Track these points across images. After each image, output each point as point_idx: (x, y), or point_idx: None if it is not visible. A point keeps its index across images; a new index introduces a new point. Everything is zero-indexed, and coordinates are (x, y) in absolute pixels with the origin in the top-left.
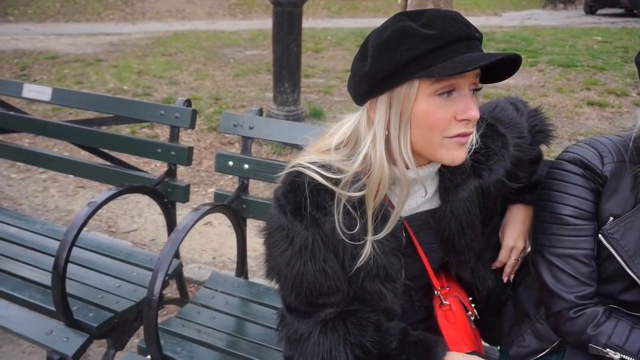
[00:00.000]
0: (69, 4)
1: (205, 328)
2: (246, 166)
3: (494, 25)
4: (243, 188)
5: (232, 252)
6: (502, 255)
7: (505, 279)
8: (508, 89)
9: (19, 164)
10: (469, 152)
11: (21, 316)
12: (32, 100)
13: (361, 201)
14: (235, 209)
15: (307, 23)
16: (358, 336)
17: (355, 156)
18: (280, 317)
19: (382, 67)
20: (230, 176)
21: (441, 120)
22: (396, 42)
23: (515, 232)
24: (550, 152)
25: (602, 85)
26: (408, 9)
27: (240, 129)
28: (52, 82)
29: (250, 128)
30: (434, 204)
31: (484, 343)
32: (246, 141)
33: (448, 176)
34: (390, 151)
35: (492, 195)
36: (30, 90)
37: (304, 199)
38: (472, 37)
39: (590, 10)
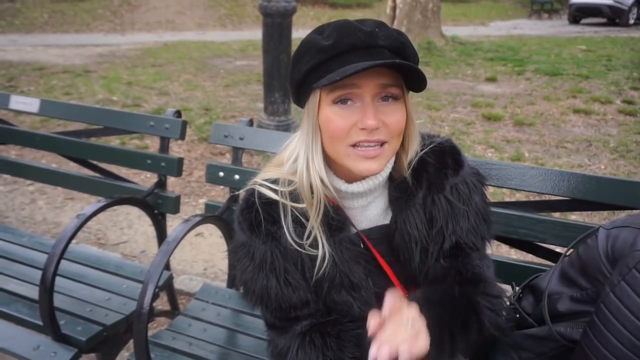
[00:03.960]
0: (57, 15)
1: (196, 340)
2: (237, 177)
3: (481, 35)
4: (234, 199)
5: (224, 263)
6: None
7: None
8: (496, 98)
9: (5, 175)
10: (410, 167)
11: (7, 331)
12: (20, 112)
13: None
14: (226, 219)
15: (296, 33)
16: (337, 351)
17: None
18: (267, 334)
19: (292, 78)
20: (222, 187)
21: (340, 128)
22: (301, 55)
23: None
24: (537, 159)
25: (587, 93)
26: (396, 20)
27: (230, 139)
28: (40, 94)
29: (241, 139)
30: (388, 217)
31: None
32: (237, 152)
33: (393, 189)
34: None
35: (434, 210)
36: (18, 102)
37: (257, 215)
38: (371, 45)
39: (574, 20)
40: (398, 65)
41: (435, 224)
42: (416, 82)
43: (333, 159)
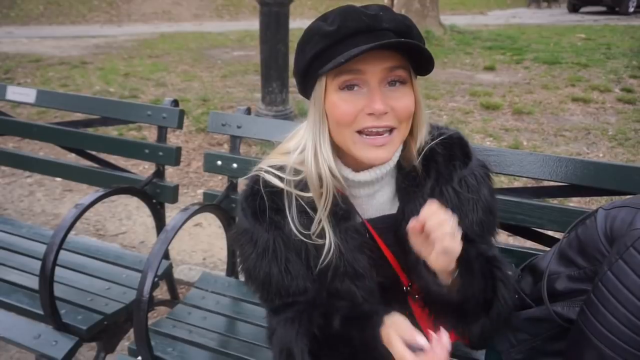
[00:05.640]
0: (52, 7)
1: (196, 328)
2: (235, 165)
3: (480, 23)
4: (232, 187)
5: (223, 253)
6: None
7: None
8: (494, 87)
9: (3, 167)
10: (421, 154)
11: (8, 321)
12: (17, 103)
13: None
14: (225, 208)
15: (294, 23)
16: (308, 325)
17: (303, 157)
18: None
19: (297, 66)
20: (220, 177)
21: (346, 114)
22: (305, 43)
23: None
24: (536, 147)
25: (586, 81)
26: (394, 9)
27: (228, 128)
28: (37, 85)
29: (239, 127)
30: (395, 206)
31: None
32: (234, 140)
33: (401, 179)
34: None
35: (443, 201)
36: (15, 93)
37: (262, 202)
38: (376, 28)
39: (574, 8)
40: (403, 45)
41: None
42: (423, 64)
43: (340, 147)
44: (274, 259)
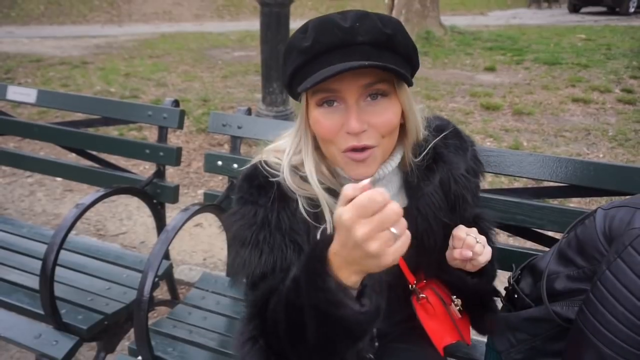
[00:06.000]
0: (53, 7)
1: (196, 328)
2: (235, 165)
3: (480, 24)
4: (233, 188)
5: (223, 253)
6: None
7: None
8: (495, 87)
9: (4, 167)
10: (423, 153)
11: (9, 320)
12: (17, 103)
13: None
14: (225, 208)
15: (294, 24)
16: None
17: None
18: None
19: (283, 79)
20: (220, 177)
21: (328, 130)
22: (286, 56)
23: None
24: (536, 148)
25: (586, 82)
26: (395, 9)
27: (228, 128)
28: (38, 86)
29: (239, 127)
30: (402, 202)
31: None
32: (235, 141)
33: (409, 174)
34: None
35: (458, 188)
36: (15, 93)
37: (266, 178)
38: (350, 43)
39: (574, 9)
40: (367, 67)
41: (459, 203)
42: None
43: (333, 162)
44: (277, 229)
